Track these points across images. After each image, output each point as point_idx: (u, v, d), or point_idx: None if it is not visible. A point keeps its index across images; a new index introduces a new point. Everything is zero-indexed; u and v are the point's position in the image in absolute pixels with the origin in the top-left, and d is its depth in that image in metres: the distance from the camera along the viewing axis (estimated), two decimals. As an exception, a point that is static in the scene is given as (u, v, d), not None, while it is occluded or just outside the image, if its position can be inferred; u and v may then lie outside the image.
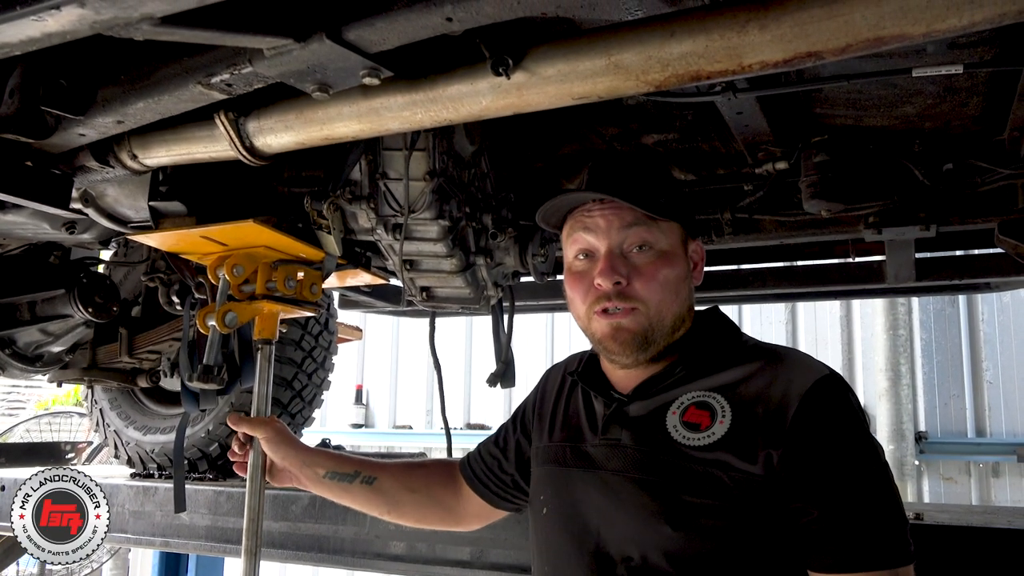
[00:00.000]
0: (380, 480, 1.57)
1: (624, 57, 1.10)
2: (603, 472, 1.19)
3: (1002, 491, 6.81)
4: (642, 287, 1.17)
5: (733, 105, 1.68)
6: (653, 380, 1.21)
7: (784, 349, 1.22)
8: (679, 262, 1.22)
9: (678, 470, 1.10)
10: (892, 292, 3.05)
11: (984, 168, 1.91)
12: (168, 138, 1.54)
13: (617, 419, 1.22)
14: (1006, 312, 6.90)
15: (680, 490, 1.09)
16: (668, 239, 1.21)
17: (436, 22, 1.02)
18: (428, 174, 1.76)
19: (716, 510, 1.06)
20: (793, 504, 1.04)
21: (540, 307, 3.20)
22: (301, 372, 3.25)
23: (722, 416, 1.11)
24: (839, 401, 1.09)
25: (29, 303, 2.67)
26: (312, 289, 1.83)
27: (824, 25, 0.97)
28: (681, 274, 1.22)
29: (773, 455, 1.05)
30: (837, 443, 1.06)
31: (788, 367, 1.14)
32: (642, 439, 1.17)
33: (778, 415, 1.07)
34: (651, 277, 1.18)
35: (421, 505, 1.58)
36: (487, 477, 1.52)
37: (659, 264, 1.19)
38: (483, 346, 9.16)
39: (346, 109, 1.34)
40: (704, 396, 1.15)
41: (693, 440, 1.11)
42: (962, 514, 2.30)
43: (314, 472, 1.59)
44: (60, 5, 0.87)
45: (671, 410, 1.16)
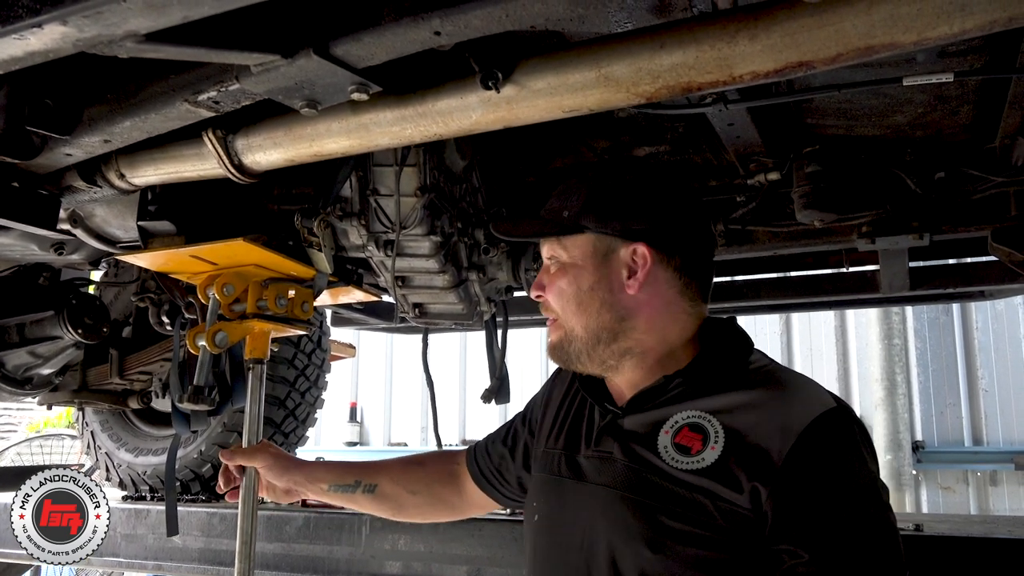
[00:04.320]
0: (381, 486, 1.57)
1: (614, 69, 1.09)
2: (592, 486, 1.17)
3: (1000, 500, 6.80)
4: (551, 298, 1.23)
5: (724, 116, 1.68)
6: (647, 393, 1.18)
7: (792, 376, 1.16)
8: (582, 273, 1.19)
9: (663, 493, 1.07)
10: (886, 302, 3.05)
11: (976, 176, 1.91)
12: (156, 157, 1.53)
13: (610, 431, 1.20)
14: (1000, 320, 6.92)
15: (662, 513, 1.06)
16: (571, 252, 1.20)
17: (424, 36, 1.02)
18: (419, 189, 1.75)
19: (697, 538, 1.03)
20: (779, 545, 0.99)
21: (534, 322, 3.19)
22: (294, 391, 3.22)
23: (714, 442, 1.07)
24: (839, 438, 1.04)
25: (18, 325, 2.63)
26: (303, 307, 1.82)
27: (814, 34, 0.97)
28: (587, 284, 1.18)
29: (761, 491, 1.01)
30: (832, 484, 1.00)
31: (791, 398, 1.09)
32: (632, 455, 1.14)
33: (772, 449, 1.02)
34: (549, 289, 1.22)
35: (423, 505, 1.59)
36: (494, 476, 1.50)
37: (556, 276, 1.22)
38: (478, 362, 9.13)
39: (335, 125, 1.33)
40: (699, 418, 1.11)
41: (682, 464, 1.08)
42: (962, 524, 2.28)
43: (318, 487, 1.59)
44: (42, 23, 0.86)
45: (664, 429, 1.13)
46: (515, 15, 0.96)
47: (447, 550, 2.32)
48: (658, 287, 1.18)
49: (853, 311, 7.20)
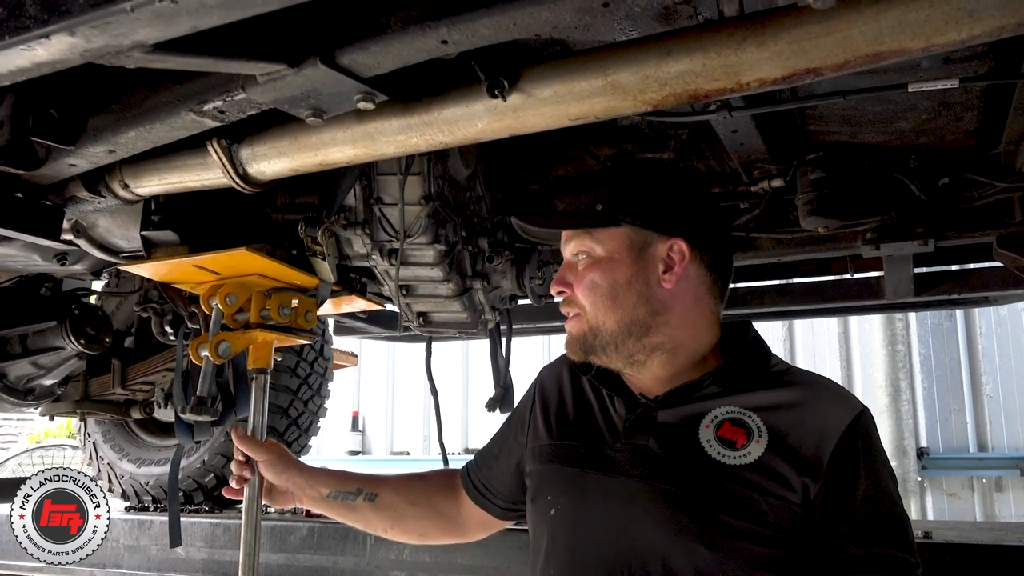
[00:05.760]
0: (382, 495, 1.53)
1: (621, 77, 1.09)
2: (626, 479, 1.14)
3: (1006, 506, 6.77)
4: (579, 293, 1.20)
5: (728, 123, 1.68)
6: (685, 389, 1.17)
7: (816, 377, 1.21)
8: (618, 267, 1.18)
9: (713, 487, 1.07)
10: (890, 308, 3.05)
11: (980, 182, 1.91)
12: (160, 167, 1.52)
13: (643, 424, 1.17)
14: (1004, 325, 6.91)
15: (716, 508, 1.05)
16: (605, 246, 1.19)
17: (431, 45, 1.01)
18: (424, 198, 1.74)
19: (750, 534, 1.04)
20: (830, 541, 1.05)
21: (537, 330, 3.18)
22: (297, 399, 3.22)
23: (758, 436, 1.09)
24: (873, 439, 1.11)
25: (20, 336, 2.63)
26: (307, 317, 1.81)
27: (822, 41, 0.96)
28: (621, 278, 1.17)
29: (811, 487, 1.05)
30: (873, 481, 1.08)
31: (824, 398, 1.14)
32: (671, 448, 1.13)
33: (817, 448, 1.07)
34: (579, 283, 1.20)
35: (423, 518, 1.54)
36: (488, 491, 1.47)
37: (588, 270, 1.19)
38: (480, 370, 9.12)
39: (340, 134, 1.32)
40: (739, 413, 1.12)
41: (729, 458, 1.08)
42: (970, 531, 2.27)
43: (317, 492, 1.56)
44: (50, 34, 0.86)
45: (704, 423, 1.12)
46: (523, 23, 0.95)
47: (451, 560, 2.30)
48: (690, 283, 1.19)
49: (856, 317, 7.19)
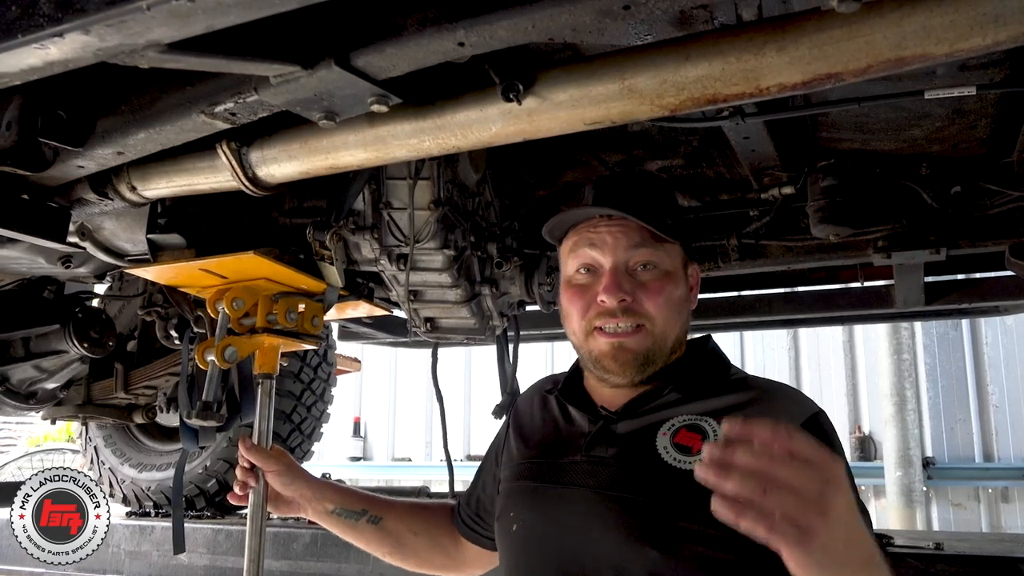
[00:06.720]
0: (386, 520, 1.53)
1: (638, 81, 1.07)
2: (583, 490, 1.14)
3: (1012, 516, 6.72)
4: (649, 304, 1.16)
5: (740, 130, 1.67)
6: (643, 398, 1.19)
7: (773, 382, 1.22)
8: (681, 284, 1.22)
9: (669, 493, 1.07)
10: (898, 317, 3.03)
11: (993, 191, 1.89)
12: (168, 169, 1.51)
13: (604, 437, 1.18)
14: (1010, 335, 6.88)
15: (672, 513, 1.05)
16: (672, 260, 1.21)
17: (447, 47, 1.00)
18: (433, 203, 1.73)
19: (708, 538, 1.02)
20: None
21: (544, 336, 3.17)
22: (300, 405, 3.20)
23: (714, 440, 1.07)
24: (832, 439, 1.10)
25: (23, 339, 2.61)
26: (314, 322, 1.80)
27: (844, 46, 0.95)
28: (683, 296, 1.22)
29: None
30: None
31: (781, 400, 1.15)
32: (629, 457, 1.13)
33: None
34: (657, 294, 1.17)
35: (423, 548, 1.54)
36: (476, 525, 1.47)
37: (664, 282, 1.18)
38: (482, 376, 9.11)
39: (352, 138, 1.31)
40: (696, 419, 1.13)
41: (685, 463, 1.08)
42: (980, 543, 2.25)
43: (323, 506, 1.55)
44: (64, 32, 0.84)
45: (661, 431, 1.13)
46: (542, 25, 0.94)
47: None
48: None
49: (862, 325, 7.17)
